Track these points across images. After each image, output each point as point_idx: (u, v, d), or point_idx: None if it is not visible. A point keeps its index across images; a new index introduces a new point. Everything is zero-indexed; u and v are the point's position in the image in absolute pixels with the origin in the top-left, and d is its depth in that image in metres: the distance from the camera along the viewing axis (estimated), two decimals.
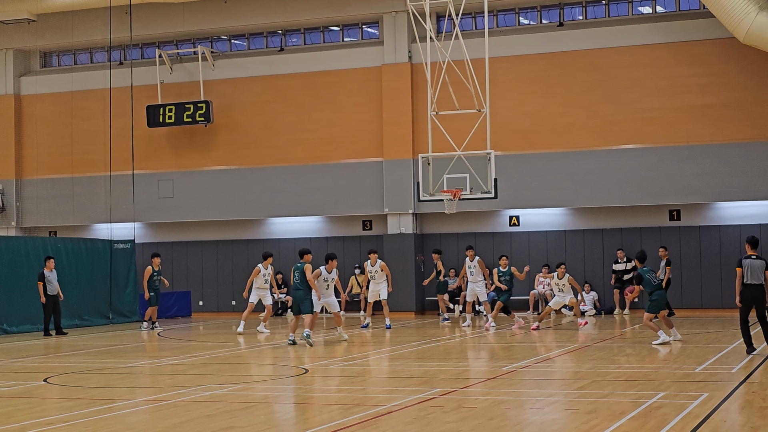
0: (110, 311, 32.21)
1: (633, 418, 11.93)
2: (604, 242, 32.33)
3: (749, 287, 18.59)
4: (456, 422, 11.91)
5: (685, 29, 31.50)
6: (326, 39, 35.61)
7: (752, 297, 18.62)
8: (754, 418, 12.11)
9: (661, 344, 21.09)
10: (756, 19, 28.43)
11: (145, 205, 35.64)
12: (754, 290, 18.58)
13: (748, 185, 30.67)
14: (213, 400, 14.08)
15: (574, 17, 33.13)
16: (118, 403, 14.20)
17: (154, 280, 28.41)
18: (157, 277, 28.47)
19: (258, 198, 35.14)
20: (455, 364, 18.73)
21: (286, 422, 12.61)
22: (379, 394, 14.79)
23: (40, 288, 27.53)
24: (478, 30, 32.88)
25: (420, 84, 32.71)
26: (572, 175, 32.09)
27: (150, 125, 35.65)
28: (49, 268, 27.82)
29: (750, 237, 19.15)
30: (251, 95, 35.44)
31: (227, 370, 18.32)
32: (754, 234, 30.60)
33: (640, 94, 31.66)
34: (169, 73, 36.32)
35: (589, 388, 14.85)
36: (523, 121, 32.54)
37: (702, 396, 13.53)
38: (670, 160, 31.26)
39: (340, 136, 34.32)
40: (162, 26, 36.23)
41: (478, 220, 33.53)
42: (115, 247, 32.91)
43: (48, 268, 27.81)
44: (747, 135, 30.70)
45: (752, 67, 30.69)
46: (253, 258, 35.42)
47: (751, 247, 18.86)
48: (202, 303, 36.38)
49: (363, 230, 34.70)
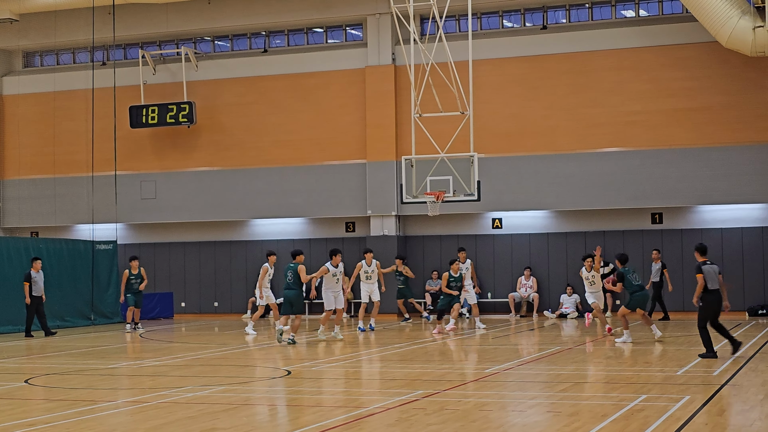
0: (92, 312, 32.12)
1: (615, 421, 11.95)
2: (587, 245, 32.34)
3: (712, 293, 18.71)
4: (438, 424, 11.91)
5: (668, 33, 31.60)
6: (310, 41, 35.59)
7: (717, 302, 18.79)
8: (736, 420, 12.15)
9: (624, 343, 21.49)
10: (738, 23, 28.55)
11: (128, 206, 35.55)
12: (716, 295, 18.78)
13: (730, 189, 30.79)
14: (195, 402, 14.05)
15: (558, 20, 33.20)
16: (99, 404, 14.15)
17: (132, 283, 28.34)
18: (135, 280, 28.37)
19: (241, 199, 35.09)
20: (438, 366, 18.74)
21: (269, 424, 12.58)
22: (361, 395, 14.78)
23: (26, 288, 27.41)
24: (462, 32, 32.92)
25: (404, 86, 32.72)
26: (555, 178, 32.15)
27: (133, 126, 35.57)
28: (36, 269, 27.69)
29: (699, 244, 19.32)
30: (234, 96, 35.40)
31: (209, 372, 18.28)
32: (735, 237, 30.92)
33: (623, 98, 31.75)
34: (153, 74, 36.24)
35: (571, 391, 14.87)
36: (507, 124, 32.58)
37: (684, 399, 13.56)
38: (653, 164, 31.35)
39: (324, 138, 34.30)
40: (145, 27, 36.15)
41: (461, 222, 33.56)
42: (97, 248, 32.82)
43: (35, 269, 27.68)
44: (729, 139, 30.82)
45: (735, 71, 30.81)
46: (236, 259, 35.46)
47: (701, 254, 19.01)
48: (185, 304, 36.30)
49: (346, 232, 34.69)
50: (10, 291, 28.66)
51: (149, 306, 33.55)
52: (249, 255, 35.46)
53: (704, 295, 18.79)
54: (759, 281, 31.07)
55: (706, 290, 18.75)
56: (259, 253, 35.19)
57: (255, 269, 34.92)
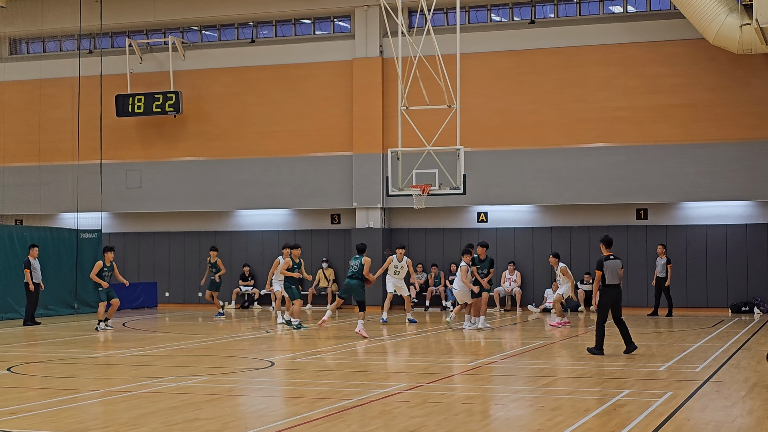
0: (75, 301, 32.03)
1: (597, 416, 11.98)
2: (572, 240, 32.46)
3: (611, 288, 18.74)
4: (421, 417, 11.92)
5: (655, 29, 31.65)
6: (298, 32, 35.54)
7: (615, 297, 18.81)
8: (718, 416, 12.19)
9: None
10: (726, 20, 28.60)
11: (113, 195, 35.44)
12: (615, 291, 18.79)
13: (715, 186, 30.87)
14: (178, 392, 14.03)
15: (546, 15, 33.21)
16: (82, 393, 14.12)
17: (104, 276, 26.01)
18: (108, 272, 26.10)
19: (226, 190, 35.04)
20: (422, 359, 18.75)
21: (252, 415, 12.58)
22: (344, 388, 14.78)
23: (27, 275, 27.28)
24: (450, 26, 32.91)
25: (391, 78, 32.71)
26: (541, 173, 32.19)
27: (119, 115, 35.48)
28: (33, 256, 27.56)
29: (604, 237, 19.24)
30: (221, 86, 35.33)
31: (193, 362, 18.26)
32: (719, 234, 31.01)
33: (609, 93, 31.80)
34: (139, 63, 36.14)
35: (554, 385, 14.90)
36: (493, 118, 32.60)
37: (666, 394, 13.61)
38: (639, 160, 31.41)
39: (310, 130, 34.27)
40: (132, 15, 36.05)
41: (446, 215, 33.58)
42: (81, 236, 32.71)
43: (32, 256, 27.55)
44: (715, 136, 30.89)
45: (721, 69, 30.87)
46: (221, 250, 35.32)
47: (606, 247, 18.99)
48: (168, 294, 36.25)
49: (331, 224, 34.68)
50: None
51: (133, 295, 33.45)
52: (234, 245, 35.43)
53: (604, 290, 18.77)
54: (742, 278, 31.17)
55: (605, 284, 18.73)
56: (244, 244, 35.21)
57: (240, 260, 34.97)
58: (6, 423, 11.59)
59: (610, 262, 18.74)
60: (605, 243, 19.02)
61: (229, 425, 11.49)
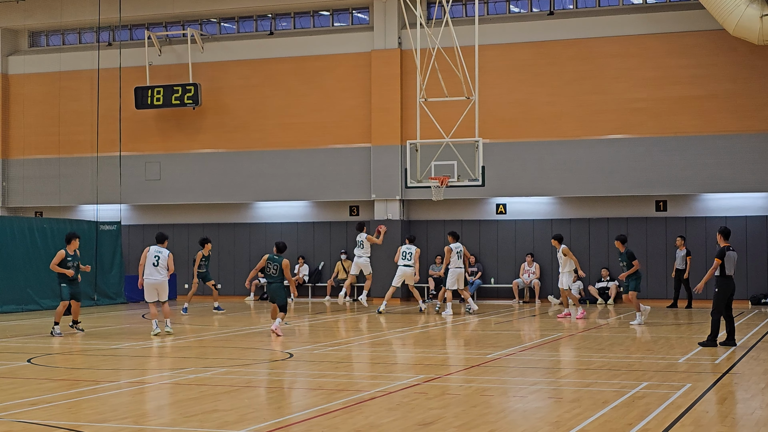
0: (95, 293, 32.15)
1: (616, 408, 11.97)
2: (591, 232, 32.38)
3: (730, 279, 18.76)
4: (439, 409, 11.93)
5: (674, 20, 31.52)
6: (316, 24, 35.53)
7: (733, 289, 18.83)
8: (737, 408, 12.16)
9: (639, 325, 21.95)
10: (746, 11, 28.47)
11: (132, 187, 35.56)
12: (732, 283, 18.79)
13: (735, 177, 30.74)
14: (197, 384, 14.08)
15: (565, 6, 33.10)
16: (101, 384, 14.18)
17: (69, 266, 22.21)
18: (73, 263, 22.32)
19: (245, 182, 35.08)
20: (439, 351, 18.75)
21: (270, 406, 12.61)
22: (362, 379, 14.81)
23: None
24: (468, 17, 32.85)
25: (409, 70, 32.68)
26: (559, 165, 32.12)
27: (138, 107, 35.55)
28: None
29: (723, 228, 19.10)
30: (240, 78, 35.37)
31: (212, 354, 18.32)
32: (739, 225, 30.87)
33: (628, 85, 31.68)
34: (158, 55, 36.21)
35: (572, 377, 14.89)
36: (512, 110, 32.54)
37: (685, 386, 13.58)
38: (658, 151, 31.31)
39: (329, 121, 34.27)
40: (151, 8, 36.11)
41: (464, 207, 33.55)
42: (101, 228, 32.82)
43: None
44: (735, 127, 30.76)
45: (741, 60, 30.73)
46: (240, 242, 35.48)
47: (724, 238, 18.91)
48: (188, 286, 36.28)
49: (350, 216, 34.69)
50: (14, 271, 28.66)
51: None
52: (252, 237, 35.49)
53: (723, 280, 18.71)
54: (762, 270, 31.04)
55: (723, 275, 18.67)
56: (263, 236, 35.24)
57: (258, 252, 34.97)
58: (26, 414, 11.65)
59: (731, 253, 18.69)
60: (723, 234, 18.86)
61: (247, 416, 11.52)
